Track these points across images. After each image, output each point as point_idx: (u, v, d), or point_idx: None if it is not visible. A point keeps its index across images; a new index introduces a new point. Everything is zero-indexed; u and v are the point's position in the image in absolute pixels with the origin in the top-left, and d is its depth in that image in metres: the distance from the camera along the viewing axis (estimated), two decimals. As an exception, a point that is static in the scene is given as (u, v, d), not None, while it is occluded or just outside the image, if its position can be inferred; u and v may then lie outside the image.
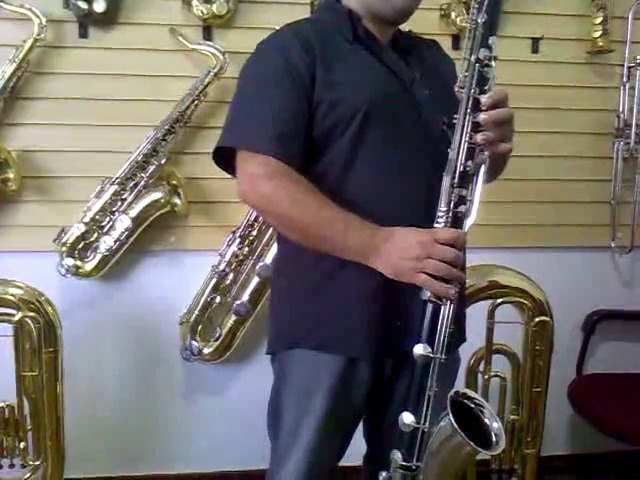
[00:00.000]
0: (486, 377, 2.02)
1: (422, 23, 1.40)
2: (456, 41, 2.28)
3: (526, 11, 2.30)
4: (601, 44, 2.31)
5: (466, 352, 1.89)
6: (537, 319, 2.01)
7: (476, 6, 1.17)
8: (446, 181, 1.16)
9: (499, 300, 1.98)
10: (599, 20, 2.30)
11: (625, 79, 2.35)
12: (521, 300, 2.01)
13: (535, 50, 2.34)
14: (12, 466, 1.99)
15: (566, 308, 2.22)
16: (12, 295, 1.90)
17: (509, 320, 2.02)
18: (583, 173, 2.41)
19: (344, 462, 1.41)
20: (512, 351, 2.05)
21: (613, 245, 2.46)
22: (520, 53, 2.32)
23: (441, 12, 2.26)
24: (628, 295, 2.52)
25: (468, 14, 2.16)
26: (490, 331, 1.99)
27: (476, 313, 1.89)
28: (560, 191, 2.41)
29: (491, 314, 1.97)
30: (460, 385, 1.92)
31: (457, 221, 1.15)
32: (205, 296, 2.19)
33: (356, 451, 1.47)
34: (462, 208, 1.15)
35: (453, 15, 2.23)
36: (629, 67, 2.34)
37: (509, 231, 2.38)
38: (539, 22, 2.32)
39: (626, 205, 2.43)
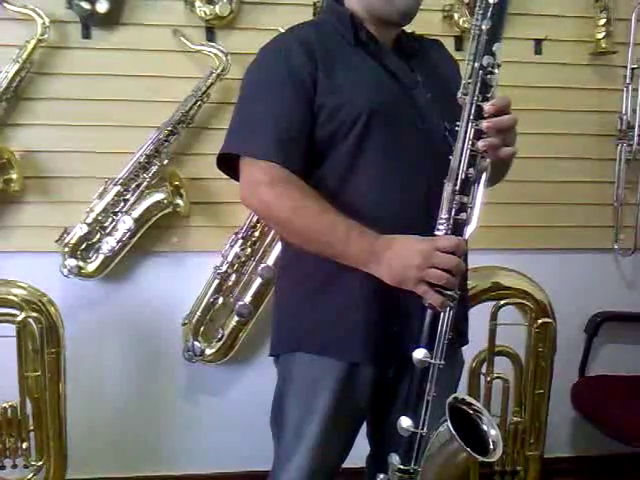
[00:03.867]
0: (489, 379, 2.02)
1: (425, 24, 1.39)
2: (459, 42, 2.28)
3: (529, 12, 2.30)
4: (604, 46, 2.31)
5: (469, 354, 1.89)
6: (540, 321, 2.01)
7: (480, 12, 1.16)
8: (447, 188, 1.15)
9: (502, 302, 1.98)
10: (602, 22, 2.30)
11: (628, 81, 2.35)
12: (524, 302, 2.01)
13: (538, 51, 2.34)
14: (15, 466, 1.99)
15: (569, 310, 2.22)
16: (15, 295, 1.90)
17: (512, 322, 2.02)
18: (586, 175, 2.41)
19: (347, 463, 1.41)
20: (515, 353, 2.05)
21: (616, 247, 2.46)
22: (523, 54, 2.32)
23: (444, 13, 2.26)
24: (631, 297, 2.51)
25: (470, 15, 2.20)
26: (493, 333, 1.99)
27: (479, 315, 1.88)
28: (563, 193, 2.40)
29: (494, 316, 1.98)
30: (463, 386, 1.92)
31: (458, 228, 1.15)
32: (207, 297, 2.18)
33: (359, 453, 1.47)
34: (463, 215, 1.15)
35: (456, 16, 2.23)
36: (632, 69, 2.34)
37: (512, 233, 2.37)
38: (542, 23, 2.31)
39: (629, 207, 2.43)
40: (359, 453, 1.48)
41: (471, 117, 1.15)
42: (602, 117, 2.39)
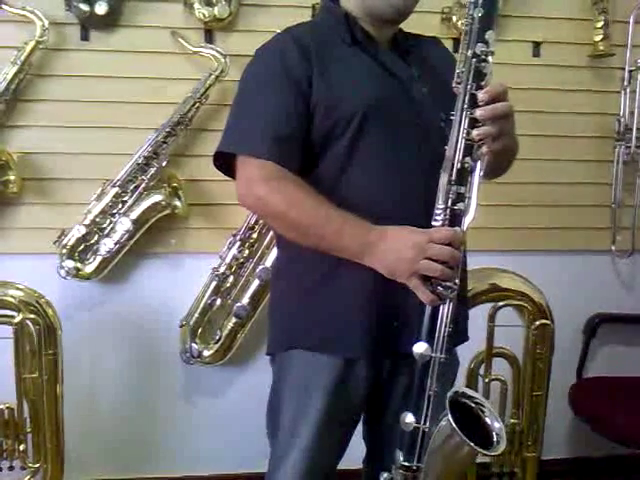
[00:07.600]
0: (487, 380, 2.03)
1: (423, 26, 1.40)
2: (457, 44, 2.27)
3: (527, 15, 2.31)
4: (602, 48, 2.31)
5: (467, 355, 1.90)
6: (538, 322, 2.01)
7: (472, 1, 1.16)
8: (443, 178, 1.15)
9: (500, 303, 1.99)
10: (600, 24, 2.30)
11: (626, 83, 2.36)
12: (522, 303, 2.01)
13: (536, 54, 2.34)
14: (12, 468, 1.99)
15: (567, 311, 2.22)
16: (12, 297, 1.90)
17: (510, 323, 2.02)
18: (584, 176, 2.41)
19: (344, 465, 1.41)
20: (513, 354, 2.06)
21: (614, 249, 2.46)
22: (521, 57, 2.32)
23: (442, 16, 2.26)
24: (628, 298, 2.52)
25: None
26: (491, 334, 1.99)
27: (477, 316, 1.89)
28: (561, 194, 2.41)
29: (492, 317, 1.98)
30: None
31: (455, 219, 1.14)
32: (205, 299, 2.18)
33: (356, 454, 1.47)
34: (460, 205, 1.14)
35: (454, 19, 2.23)
36: (630, 71, 2.34)
37: (510, 234, 2.37)
38: (540, 26, 2.32)
39: (627, 209, 2.43)
40: (356, 454, 1.48)
41: (465, 106, 1.14)
42: (600, 119, 2.39)
